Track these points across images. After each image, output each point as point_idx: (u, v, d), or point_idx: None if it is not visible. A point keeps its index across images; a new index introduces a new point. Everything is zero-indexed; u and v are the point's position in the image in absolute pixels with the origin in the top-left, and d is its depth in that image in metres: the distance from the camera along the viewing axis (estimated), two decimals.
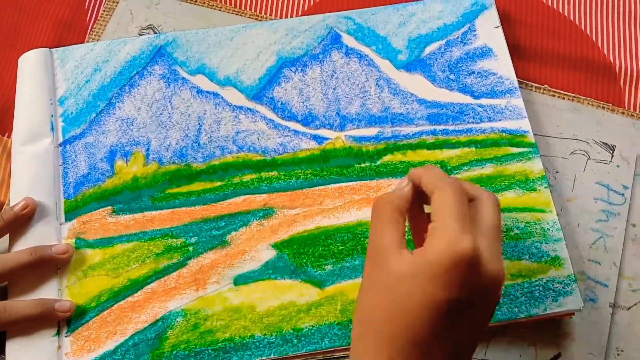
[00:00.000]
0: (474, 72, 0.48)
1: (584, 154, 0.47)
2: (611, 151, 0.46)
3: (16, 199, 0.44)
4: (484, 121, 0.46)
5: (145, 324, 0.42)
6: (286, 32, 0.49)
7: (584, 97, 0.48)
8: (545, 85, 0.49)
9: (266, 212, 0.45)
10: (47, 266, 0.43)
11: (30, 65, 0.47)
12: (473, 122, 0.46)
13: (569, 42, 0.51)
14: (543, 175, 0.45)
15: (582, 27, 0.52)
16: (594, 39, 0.51)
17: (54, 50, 0.48)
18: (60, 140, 0.46)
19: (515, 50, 0.49)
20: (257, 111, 0.47)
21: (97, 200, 0.45)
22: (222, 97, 0.47)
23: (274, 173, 0.46)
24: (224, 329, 0.42)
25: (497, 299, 0.33)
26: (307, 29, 0.49)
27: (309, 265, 0.43)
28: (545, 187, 0.44)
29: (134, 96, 0.47)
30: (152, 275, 0.43)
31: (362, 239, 0.44)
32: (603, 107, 0.48)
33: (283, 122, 0.47)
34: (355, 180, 0.45)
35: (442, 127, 0.46)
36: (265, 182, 0.45)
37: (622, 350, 0.43)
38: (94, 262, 0.44)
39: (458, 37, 0.49)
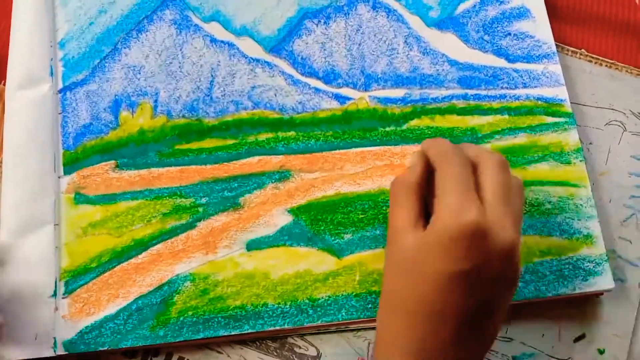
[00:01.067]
0: (509, 34, 0.44)
1: (619, 125, 0.44)
2: None
3: (10, 148, 0.41)
4: (519, 87, 0.43)
5: (150, 287, 0.39)
6: None
7: (622, 65, 0.45)
8: (582, 50, 0.46)
9: (282, 175, 0.42)
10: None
11: (28, 2, 0.43)
12: (507, 88, 0.43)
13: (610, 6, 0.48)
14: (579, 147, 0.42)
15: None
16: (637, 1, 0.48)
17: None
18: (60, 86, 0.42)
19: (552, 10, 0.46)
20: (275, 65, 0.44)
21: (100, 153, 0.42)
22: (237, 48, 0.44)
23: (292, 133, 0.42)
24: (235, 295, 0.39)
25: (514, 269, 0.32)
26: None
27: (327, 233, 0.41)
28: (580, 161, 0.42)
29: (142, 42, 0.43)
30: (158, 236, 0.40)
31: (383, 208, 0.41)
32: None
33: (303, 79, 0.43)
34: (378, 145, 0.42)
35: (474, 91, 0.43)
36: (282, 143, 0.42)
37: None
38: (95, 219, 0.40)
39: None
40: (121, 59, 0.43)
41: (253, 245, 0.40)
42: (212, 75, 0.43)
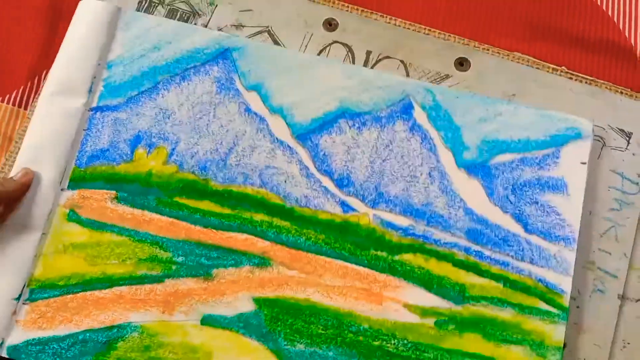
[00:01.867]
0: (537, 202, 0.42)
1: (599, 140, 0.44)
2: (627, 138, 0.44)
3: (28, 147, 0.43)
4: (525, 260, 0.41)
5: (101, 324, 0.40)
6: (360, 82, 0.44)
7: (602, 81, 0.46)
8: (563, 67, 0.46)
9: (262, 261, 0.42)
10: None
11: (93, 15, 0.45)
12: (513, 257, 0.42)
13: (589, 23, 0.48)
14: (560, 347, 0.40)
15: (604, 7, 0.48)
16: (615, 19, 0.48)
17: (122, 9, 0.46)
18: (94, 105, 0.44)
19: (532, 29, 0.47)
20: (296, 152, 0.44)
21: (105, 180, 0.43)
22: (267, 124, 0.44)
23: (287, 223, 0.42)
24: None
25: None
26: (381, 87, 0.44)
27: (282, 335, 0.40)
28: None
29: (182, 90, 0.44)
30: (126, 278, 0.41)
31: (346, 332, 0.40)
32: (621, 92, 0.46)
33: (317, 174, 0.43)
34: (365, 267, 0.42)
35: (478, 247, 0.42)
36: (274, 230, 0.42)
37: (629, 343, 0.41)
38: (78, 241, 0.42)
39: (537, 158, 0.43)
40: (157, 98, 0.44)
41: (208, 321, 0.40)
42: (234, 143, 0.44)
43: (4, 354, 0.40)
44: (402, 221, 0.42)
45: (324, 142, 0.44)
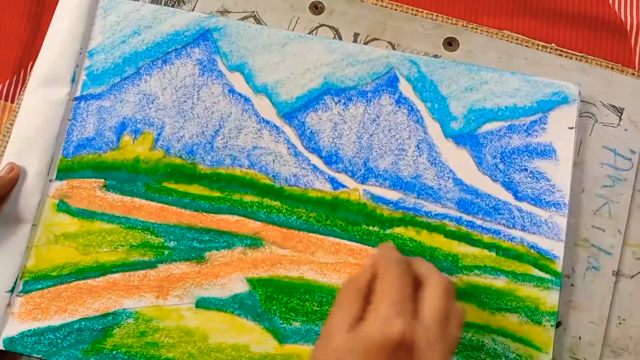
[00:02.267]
0: (526, 169, 0.42)
1: (590, 117, 0.44)
2: (619, 114, 0.44)
3: (16, 140, 0.42)
4: (517, 228, 0.41)
5: (96, 312, 0.40)
6: (343, 56, 0.44)
7: (592, 57, 0.45)
8: (552, 44, 0.45)
9: (254, 242, 0.42)
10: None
11: (74, 4, 0.44)
12: (504, 225, 0.41)
13: None
14: (555, 311, 0.40)
15: None
16: None
17: None
18: (77, 94, 0.44)
19: (521, 6, 0.47)
20: (282, 131, 0.43)
21: (93, 169, 0.43)
22: (252, 104, 0.44)
23: (277, 203, 0.42)
24: (169, 347, 0.40)
25: None
26: (365, 61, 0.44)
27: (277, 314, 0.40)
28: (551, 325, 0.40)
29: (164, 74, 0.44)
30: (119, 265, 0.41)
31: None
32: (612, 68, 0.45)
33: (305, 152, 0.43)
34: (357, 242, 0.42)
35: (469, 217, 0.42)
36: (265, 210, 0.42)
37: (624, 319, 0.42)
38: (69, 231, 0.42)
39: (524, 125, 0.43)
40: (140, 84, 0.44)
41: (203, 303, 0.40)
42: (219, 125, 0.43)
43: (1, 347, 0.40)
44: (392, 195, 0.42)
45: (310, 120, 0.43)
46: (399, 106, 0.43)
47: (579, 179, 0.43)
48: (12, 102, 0.47)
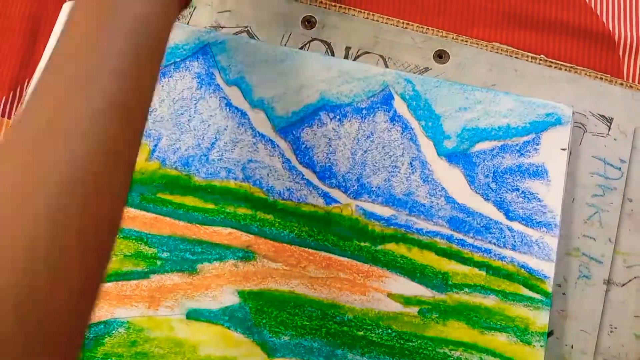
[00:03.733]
0: (518, 189, 0.43)
1: (580, 127, 0.44)
2: (608, 124, 0.44)
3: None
4: (507, 247, 0.42)
5: None
6: (339, 73, 0.45)
7: (581, 68, 0.46)
8: (542, 55, 0.46)
9: (246, 255, 0.42)
10: None
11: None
12: (495, 244, 0.42)
13: (566, 10, 0.48)
14: (545, 332, 0.40)
15: None
16: (592, 6, 0.48)
17: None
18: None
19: (510, 18, 0.47)
20: (277, 145, 0.44)
21: None
22: (248, 118, 0.44)
23: (270, 217, 0.43)
24: (159, 358, 0.40)
25: None
26: (361, 78, 0.45)
27: (267, 327, 0.41)
28: (541, 346, 0.40)
29: (162, 86, 0.45)
30: (112, 275, 0.42)
31: (330, 322, 0.41)
32: (601, 78, 0.46)
33: (299, 167, 0.43)
34: (348, 257, 0.42)
35: (460, 235, 0.42)
36: (258, 224, 0.42)
37: (616, 328, 0.42)
38: None
39: (517, 145, 0.43)
40: None
41: (193, 315, 0.41)
42: (215, 138, 0.44)
43: None
44: (385, 211, 0.43)
45: (305, 135, 0.44)
46: (393, 124, 0.44)
47: (569, 189, 0.43)
48: (9, 118, 0.47)
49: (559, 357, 0.41)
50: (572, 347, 0.41)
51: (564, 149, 0.43)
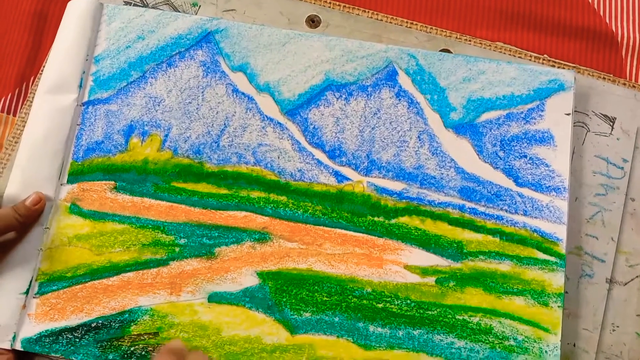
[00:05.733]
0: (525, 156, 0.43)
1: (583, 126, 0.45)
2: (611, 123, 0.45)
3: (27, 146, 0.43)
4: (519, 213, 0.42)
5: (112, 311, 0.41)
6: (342, 53, 0.45)
7: (584, 68, 0.46)
8: (545, 55, 0.47)
9: (262, 236, 0.43)
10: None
11: (78, 13, 0.46)
12: (506, 211, 0.42)
13: (569, 10, 0.48)
14: (561, 292, 0.41)
15: None
16: (595, 7, 0.49)
17: (105, 4, 0.46)
18: (85, 99, 0.45)
19: (513, 18, 0.48)
20: (286, 128, 0.44)
21: (103, 172, 0.44)
22: (255, 103, 0.45)
23: (283, 198, 0.43)
24: (184, 341, 0.41)
25: None
26: (364, 56, 0.45)
27: (287, 306, 0.41)
28: (558, 306, 0.40)
29: (169, 76, 0.45)
30: (132, 264, 0.42)
31: (349, 297, 0.41)
32: (604, 78, 0.46)
33: (309, 148, 0.44)
34: (363, 233, 0.43)
35: (472, 204, 0.43)
36: (272, 205, 0.43)
37: (618, 326, 0.42)
38: (81, 232, 0.43)
39: (522, 113, 0.44)
40: (146, 87, 0.45)
41: (215, 298, 0.41)
42: (225, 124, 0.44)
43: (19, 347, 0.41)
44: (396, 186, 0.43)
45: (312, 116, 0.44)
46: (399, 99, 0.45)
47: (572, 188, 0.44)
48: (14, 115, 0.48)
49: (562, 356, 0.41)
50: (574, 345, 0.42)
51: (568, 114, 0.43)
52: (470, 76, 0.44)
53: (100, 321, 0.41)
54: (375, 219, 0.43)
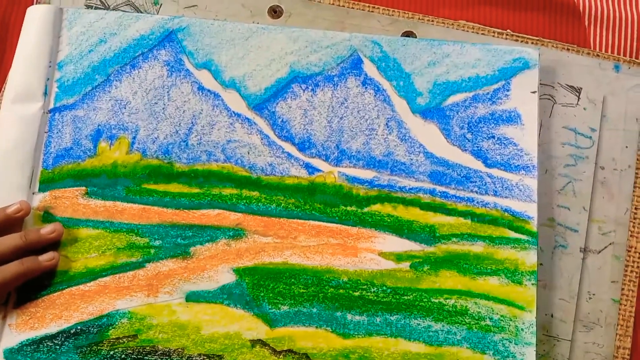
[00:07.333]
0: (493, 137, 0.43)
1: (549, 99, 0.45)
2: (577, 94, 0.45)
3: None
4: (489, 194, 0.43)
5: (90, 316, 0.41)
6: (306, 44, 0.45)
7: (548, 40, 0.46)
8: (508, 30, 0.46)
9: (236, 233, 0.43)
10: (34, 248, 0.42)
11: (38, 19, 0.45)
12: (477, 192, 0.43)
13: None
14: (534, 270, 0.41)
15: None
16: None
17: (65, 8, 0.46)
18: (51, 106, 0.45)
19: None
20: (254, 123, 0.44)
21: (74, 178, 0.44)
22: (222, 100, 0.45)
23: (255, 193, 0.43)
24: (164, 342, 0.41)
25: None
26: (329, 45, 0.45)
27: (265, 300, 0.41)
28: (532, 284, 0.41)
29: (133, 78, 0.45)
30: (108, 268, 0.42)
31: (326, 287, 0.42)
32: (568, 49, 0.46)
33: (278, 141, 0.44)
34: (336, 223, 0.43)
35: (442, 188, 0.43)
36: (244, 201, 0.43)
37: (594, 294, 0.43)
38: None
39: (488, 93, 0.44)
40: (111, 90, 0.45)
41: (192, 297, 0.42)
42: (192, 123, 0.44)
43: (1, 358, 0.41)
44: (366, 174, 0.43)
45: (280, 109, 0.44)
46: (365, 87, 0.44)
47: (541, 161, 0.44)
48: None
49: (539, 327, 0.42)
50: (552, 316, 0.42)
51: (534, 92, 0.44)
52: (435, 60, 0.44)
53: (79, 327, 0.41)
54: (348, 208, 0.43)
